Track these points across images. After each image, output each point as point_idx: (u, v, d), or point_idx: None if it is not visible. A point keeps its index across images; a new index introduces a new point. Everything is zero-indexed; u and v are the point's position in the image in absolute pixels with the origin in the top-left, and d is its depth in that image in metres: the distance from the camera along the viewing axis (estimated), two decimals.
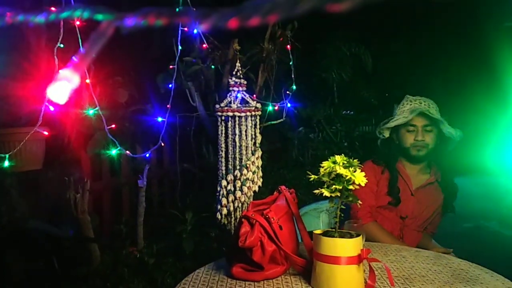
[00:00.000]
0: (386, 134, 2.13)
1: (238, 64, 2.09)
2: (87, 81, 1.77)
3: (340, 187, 1.25)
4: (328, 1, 0.39)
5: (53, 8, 0.60)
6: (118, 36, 0.58)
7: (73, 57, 0.56)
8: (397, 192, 2.03)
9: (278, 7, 0.41)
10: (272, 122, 2.82)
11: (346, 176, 1.24)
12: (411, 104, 2.05)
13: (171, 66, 2.36)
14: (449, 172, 2.11)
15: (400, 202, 2.03)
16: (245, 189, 2.04)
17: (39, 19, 0.60)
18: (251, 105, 2.06)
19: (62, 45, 1.77)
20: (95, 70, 2.05)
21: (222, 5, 0.49)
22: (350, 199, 1.28)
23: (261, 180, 2.11)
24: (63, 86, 0.56)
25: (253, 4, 0.43)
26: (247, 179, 2.05)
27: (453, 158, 2.16)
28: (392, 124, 2.08)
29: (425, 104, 2.03)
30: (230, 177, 2.04)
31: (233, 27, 0.46)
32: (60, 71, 0.56)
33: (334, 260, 1.24)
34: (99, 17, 0.53)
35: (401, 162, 2.12)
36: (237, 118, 2.03)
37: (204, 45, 2.50)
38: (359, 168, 1.26)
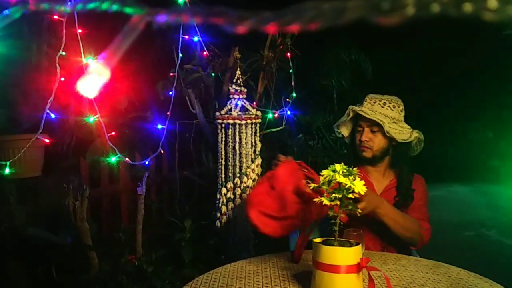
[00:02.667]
0: (345, 133, 2.06)
1: (238, 71, 2.10)
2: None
3: (340, 196, 1.25)
4: (375, 13, 0.38)
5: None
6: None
7: (104, 51, 0.55)
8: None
9: (322, 15, 0.40)
10: (272, 130, 2.82)
11: (346, 184, 1.24)
12: (360, 105, 1.98)
13: (171, 74, 2.36)
14: (406, 175, 1.99)
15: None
16: (245, 196, 2.03)
17: (65, 8, 0.59)
18: (251, 113, 2.07)
19: (64, 53, 1.78)
20: None
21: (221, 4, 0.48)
22: (350, 207, 1.28)
23: None
24: (93, 80, 0.55)
25: (295, 10, 0.41)
26: (247, 187, 2.05)
27: (414, 161, 2.06)
28: (336, 123, 2.06)
29: (379, 104, 1.94)
30: (230, 184, 2.03)
31: (271, 32, 0.45)
32: (90, 64, 0.55)
33: (334, 268, 1.24)
34: (129, 10, 0.52)
35: (364, 168, 2.03)
36: (237, 126, 2.04)
37: (204, 53, 2.51)
38: (358, 177, 1.26)
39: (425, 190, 2.02)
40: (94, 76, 0.54)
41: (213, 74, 2.71)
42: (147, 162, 2.06)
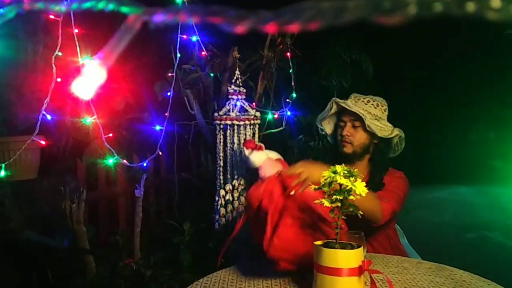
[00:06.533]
0: (328, 130, 2.07)
1: (237, 71, 2.08)
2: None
3: (341, 198, 1.22)
4: (376, 13, 0.36)
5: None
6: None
7: (99, 52, 0.54)
8: None
9: (321, 15, 0.38)
10: (272, 131, 2.79)
11: (347, 186, 1.21)
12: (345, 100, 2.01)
13: (169, 74, 2.34)
14: (379, 172, 1.95)
15: None
16: (243, 199, 2.00)
17: (60, 7, 0.57)
18: (250, 114, 2.04)
19: (60, 53, 1.76)
20: None
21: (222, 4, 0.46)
22: (351, 209, 1.25)
23: None
24: (88, 81, 0.53)
25: (295, 9, 0.40)
26: (246, 188, 2.02)
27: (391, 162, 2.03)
28: (319, 117, 2.06)
29: (363, 101, 1.96)
30: (228, 186, 2.01)
31: (270, 32, 0.44)
32: (86, 65, 0.53)
33: (335, 271, 1.21)
34: (125, 10, 0.50)
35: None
36: (236, 127, 2.01)
37: (203, 53, 2.49)
38: (359, 178, 1.23)
39: (403, 185, 1.93)
40: (90, 77, 0.52)
41: (211, 74, 2.68)
42: (145, 164, 2.03)
